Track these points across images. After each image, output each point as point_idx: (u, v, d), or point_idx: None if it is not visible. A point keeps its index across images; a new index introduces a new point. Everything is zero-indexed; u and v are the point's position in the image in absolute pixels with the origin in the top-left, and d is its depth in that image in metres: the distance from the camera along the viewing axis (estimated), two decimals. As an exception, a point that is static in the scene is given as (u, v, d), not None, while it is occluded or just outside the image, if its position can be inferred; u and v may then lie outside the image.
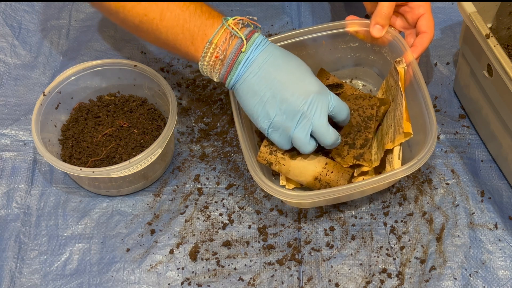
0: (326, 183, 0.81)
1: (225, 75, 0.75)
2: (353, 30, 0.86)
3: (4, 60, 1.02)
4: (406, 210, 0.86)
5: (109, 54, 1.04)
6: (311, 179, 0.82)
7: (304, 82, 0.74)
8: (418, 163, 0.75)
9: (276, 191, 0.75)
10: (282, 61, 0.75)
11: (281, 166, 0.82)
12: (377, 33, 0.84)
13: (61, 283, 0.81)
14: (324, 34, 0.87)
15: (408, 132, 0.78)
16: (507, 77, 0.76)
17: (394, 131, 0.81)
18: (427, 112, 0.78)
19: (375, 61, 0.91)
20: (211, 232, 0.85)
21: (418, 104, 0.80)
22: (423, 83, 0.80)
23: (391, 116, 0.84)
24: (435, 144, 0.76)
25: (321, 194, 0.75)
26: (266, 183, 0.76)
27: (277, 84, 0.74)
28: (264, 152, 0.81)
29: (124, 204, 0.88)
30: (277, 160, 0.82)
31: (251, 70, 0.74)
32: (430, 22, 0.83)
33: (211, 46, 0.73)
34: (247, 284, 0.81)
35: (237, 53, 0.73)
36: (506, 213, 0.85)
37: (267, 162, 0.82)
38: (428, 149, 0.75)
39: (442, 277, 0.81)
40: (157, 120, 0.92)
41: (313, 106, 0.74)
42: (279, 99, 0.73)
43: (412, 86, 0.82)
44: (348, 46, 0.90)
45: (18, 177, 0.90)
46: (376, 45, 0.88)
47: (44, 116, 0.87)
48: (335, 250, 0.83)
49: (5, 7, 1.07)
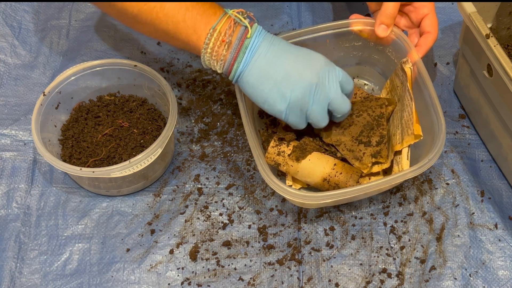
0: (335, 184, 0.81)
1: (231, 62, 0.74)
2: (357, 29, 0.86)
3: (4, 60, 1.02)
4: (406, 210, 0.86)
5: (109, 54, 1.04)
6: (320, 180, 0.82)
7: (312, 57, 0.75)
8: (428, 163, 0.75)
9: (289, 193, 0.75)
10: (285, 44, 0.76)
11: (289, 167, 0.82)
12: (383, 32, 0.84)
13: (61, 283, 0.81)
14: (328, 33, 0.87)
15: (419, 134, 0.78)
16: (507, 77, 0.76)
17: (402, 132, 0.81)
18: (435, 113, 0.78)
19: (378, 60, 0.91)
20: (211, 232, 0.85)
21: (425, 104, 0.80)
22: (429, 83, 0.80)
23: (397, 117, 0.84)
24: (443, 145, 0.76)
25: (333, 195, 0.75)
26: (279, 185, 0.75)
27: (287, 62, 0.74)
28: (272, 153, 0.81)
29: (124, 204, 0.88)
30: (285, 161, 0.81)
31: (259, 53, 0.74)
32: (434, 22, 0.83)
33: (214, 33, 0.72)
34: (247, 284, 0.81)
35: (243, 38, 0.73)
36: (506, 213, 0.85)
37: (275, 163, 0.82)
38: (437, 150, 0.75)
39: (442, 277, 0.81)
40: (157, 120, 0.92)
41: (326, 77, 0.74)
42: (293, 76, 0.74)
43: (418, 86, 0.81)
44: (352, 45, 0.90)
45: (18, 177, 0.90)
46: (379, 44, 0.88)
47: (44, 116, 0.87)
48: (335, 250, 0.83)
49: (5, 7, 1.07)
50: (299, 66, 0.74)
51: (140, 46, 1.04)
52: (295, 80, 0.74)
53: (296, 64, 0.74)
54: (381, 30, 0.84)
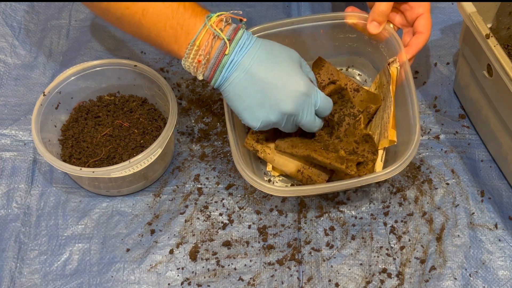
0: (308, 176, 0.83)
1: (209, 76, 0.74)
2: (352, 22, 0.86)
3: (4, 60, 1.02)
4: (406, 210, 0.86)
5: (109, 54, 1.04)
6: (294, 171, 0.83)
7: (292, 81, 0.73)
8: (399, 167, 0.76)
9: (259, 184, 0.77)
10: (268, 62, 0.73)
11: (266, 154, 0.84)
12: (374, 29, 0.84)
13: (61, 283, 0.81)
14: (323, 23, 0.87)
15: (393, 140, 0.80)
16: (507, 77, 0.76)
17: (379, 134, 0.83)
18: (413, 117, 0.78)
19: (371, 53, 0.92)
20: (211, 232, 0.85)
21: (406, 107, 0.80)
22: (412, 87, 0.80)
23: (379, 116, 0.85)
24: (417, 149, 0.76)
25: (300, 191, 0.78)
26: (250, 176, 0.77)
27: (264, 88, 0.72)
28: (251, 139, 0.84)
29: (124, 204, 0.88)
30: (263, 149, 0.84)
31: (237, 75, 0.72)
32: (427, 23, 0.83)
33: (193, 48, 0.71)
34: (247, 284, 0.81)
35: (221, 56, 0.71)
36: (506, 213, 0.85)
37: (253, 149, 0.84)
38: (409, 154, 0.76)
39: (442, 277, 0.81)
40: (157, 120, 0.92)
41: (301, 108, 0.74)
42: (267, 104, 0.73)
43: (402, 87, 0.82)
44: (346, 36, 0.91)
45: (18, 177, 0.90)
46: (373, 39, 0.88)
47: (44, 116, 0.87)
48: (335, 250, 0.83)
49: (5, 7, 1.07)
50: (276, 95, 0.72)
51: (140, 46, 1.04)
52: (269, 108, 0.73)
53: (272, 93, 0.72)
54: (372, 27, 0.84)
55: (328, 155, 0.80)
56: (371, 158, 0.81)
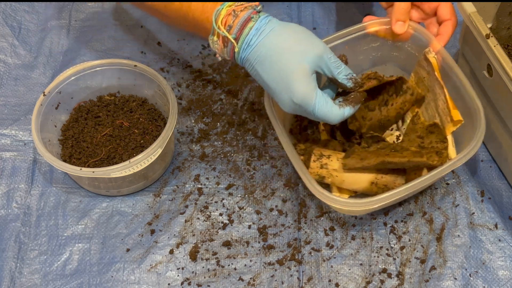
0: (383, 185, 0.80)
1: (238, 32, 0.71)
2: (373, 30, 0.85)
3: (4, 60, 1.02)
4: (406, 210, 0.86)
5: (109, 54, 1.03)
6: (367, 185, 0.80)
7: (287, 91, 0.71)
8: (474, 148, 0.74)
9: (340, 202, 0.73)
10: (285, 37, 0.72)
11: (334, 178, 0.80)
12: (400, 29, 0.83)
13: (61, 283, 0.81)
14: (346, 39, 0.85)
15: (458, 119, 0.78)
16: (507, 77, 0.76)
17: (441, 122, 0.81)
18: (468, 96, 0.77)
19: (397, 57, 0.89)
20: (211, 232, 0.85)
21: (456, 90, 0.79)
22: (457, 68, 0.79)
23: (431, 107, 0.83)
24: (485, 125, 0.75)
25: (381, 199, 0.73)
26: (329, 196, 0.73)
27: (265, 88, 0.74)
28: (315, 168, 0.80)
29: (124, 204, 0.88)
30: (329, 173, 0.80)
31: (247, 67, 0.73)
32: (451, 8, 0.81)
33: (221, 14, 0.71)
34: (247, 284, 0.81)
35: (248, 17, 0.71)
36: (506, 213, 0.85)
37: (319, 177, 0.80)
38: (481, 132, 0.74)
39: (442, 277, 0.81)
40: (157, 120, 0.92)
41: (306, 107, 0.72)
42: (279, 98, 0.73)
43: (445, 72, 0.81)
44: (370, 47, 0.88)
45: (18, 177, 0.90)
46: (398, 41, 0.86)
47: (44, 116, 0.87)
48: (335, 250, 0.83)
49: (5, 7, 1.07)
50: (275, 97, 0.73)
51: (140, 46, 1.04)
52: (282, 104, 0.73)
53: (274, 94, 0.73)
54: (398, 27, 0.83)
55: (402, 154, 0.76)
56: (443, 147, 0.79)
